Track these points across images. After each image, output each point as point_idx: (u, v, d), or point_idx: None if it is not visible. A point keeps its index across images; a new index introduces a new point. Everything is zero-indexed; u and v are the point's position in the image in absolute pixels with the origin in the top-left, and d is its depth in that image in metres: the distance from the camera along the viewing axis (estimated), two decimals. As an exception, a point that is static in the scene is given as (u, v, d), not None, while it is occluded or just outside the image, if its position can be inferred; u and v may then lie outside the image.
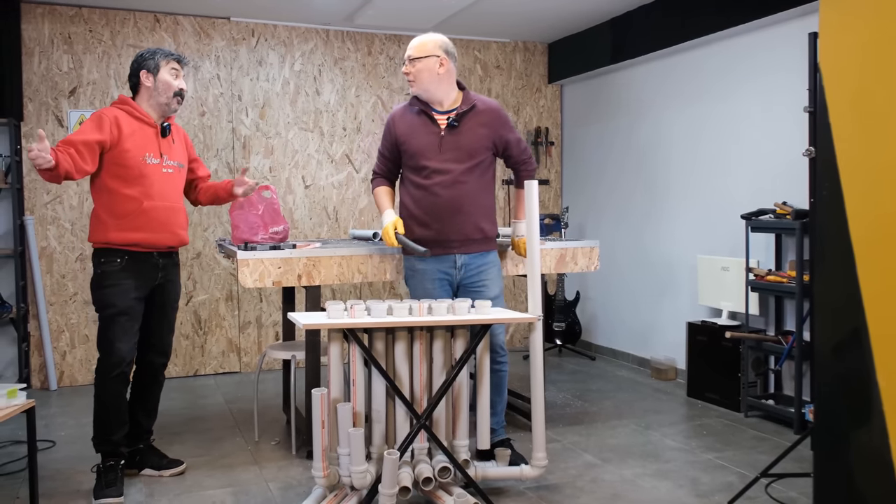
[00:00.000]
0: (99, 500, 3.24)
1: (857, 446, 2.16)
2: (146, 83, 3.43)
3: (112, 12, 5.36)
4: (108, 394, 3.39)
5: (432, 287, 3.49)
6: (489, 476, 3.22)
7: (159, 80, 3.43)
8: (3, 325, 5.17)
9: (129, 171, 3.32)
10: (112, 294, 3.33)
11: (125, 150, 3.31)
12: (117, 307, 3.34)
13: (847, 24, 2.15)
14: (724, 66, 4.97)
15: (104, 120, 3.28)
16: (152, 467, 3.58)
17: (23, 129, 5.18)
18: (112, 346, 3.35)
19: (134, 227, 3.33)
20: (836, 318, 2.22)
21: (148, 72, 3.42)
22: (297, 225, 5.88)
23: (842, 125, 2.16)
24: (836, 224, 2.17)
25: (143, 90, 3.44)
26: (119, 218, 3.32)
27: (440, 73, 3.44)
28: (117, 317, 3.34)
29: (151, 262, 3.43)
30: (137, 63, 3.45)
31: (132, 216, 3.33)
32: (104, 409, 3.39)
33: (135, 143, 3.35)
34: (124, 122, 3.34)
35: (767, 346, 4.37)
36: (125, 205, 3.32)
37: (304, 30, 5.87)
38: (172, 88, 3.44)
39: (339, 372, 3.00)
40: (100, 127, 3.27)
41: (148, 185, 3.36)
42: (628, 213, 5.86)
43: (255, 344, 5.81)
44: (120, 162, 3.31)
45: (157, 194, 3.39)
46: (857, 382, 2.12)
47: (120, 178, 3.32)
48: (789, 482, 3.32)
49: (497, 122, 3.52)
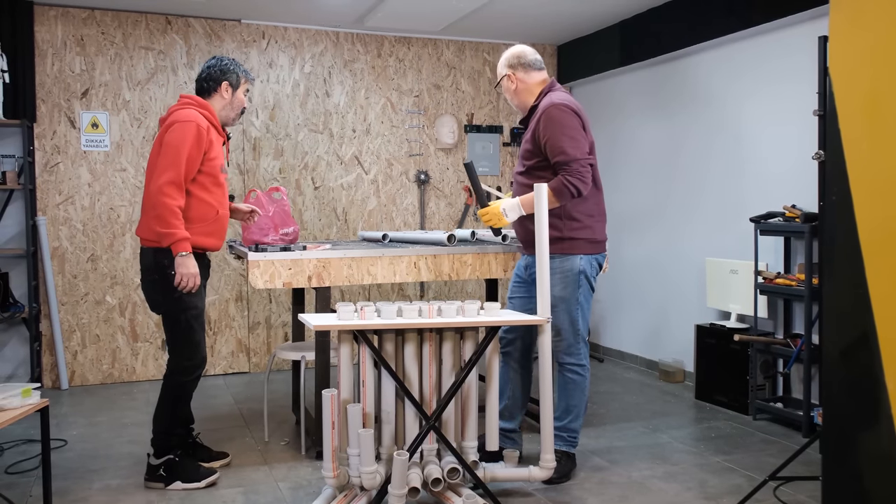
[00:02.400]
0: (204, 479, 3.41)
1: (865, 450, 2.17)
2: (224, 94, 3.49)
3: (124, 14, 5.40)
4: (186, 393, 3.49)
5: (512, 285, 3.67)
6: (498, 477, 3.23)
7: (236, 97, 3.52)
8: (16, 325, 5.21)
9: (211, 179, 3.39)
10: (192, 296, 3.36)
11: (211, 158, 3.37)
12: (198, 308, 3.42)
13: (857, 29, 2.16)
14: (734, 69, 4.97)
15: (202, 135, 3.30)
16: (202, 460, 3.62)
17: (35, 130, 5.22)
18: (197, 348, 3.42)
19: (208, 233, 3.41)
20: (844, 321, 2.22)
21: (230, 84, 3.49)
22: (306, 226, 5.91)
23: (851, 130, 2.17)
24: (845, 228, 2.18)
25: (217, 98, 3.49)
26: (197, 223, 3.35)
27: (517, 89, 3.54)
28: (199, 318, 3.42)
29: (204, 263, 3.51)
30: (221, 71, 3.48)
31: (209, 222, 3.40)
32: (183, 404, 3.52)
33: (217, 151, 3.42)
34: (211, 130, 3.39)
35: (776, 349, 4.37)
36: (206, 211, 3.38)
37: (314, 32, 5.90)
38: (242, 107, 3.56)
39: (348, 373, 3.02)
40: (199, 144, 3.29)
41: (222, 194, 3.46)
42: (637, 215, 5.86)
43: (265, 345, 5.84)
44: (206, 170, 3.36)
45: (226, 203, 3.52)
46: (865, 386, 2.12)
47: (202, 185, 3.36)
48: (798, 485, 3.33)
49: (539, 123, 3.41)
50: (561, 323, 3.45)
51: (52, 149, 5.27)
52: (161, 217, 3.22)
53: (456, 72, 6.30)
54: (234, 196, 5.68)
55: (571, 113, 3.38)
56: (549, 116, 3.36)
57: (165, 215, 3.21)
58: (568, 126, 3.34)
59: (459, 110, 6.34)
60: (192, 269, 3.26)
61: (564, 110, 3.36)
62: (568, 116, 3.36)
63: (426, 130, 6.25)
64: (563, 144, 3.33)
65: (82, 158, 5.35)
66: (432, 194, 6.29)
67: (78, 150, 5.33)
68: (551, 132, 3.35)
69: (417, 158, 6.23)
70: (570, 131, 3.34)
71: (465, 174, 6.37)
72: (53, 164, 5.28)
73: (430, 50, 6.22)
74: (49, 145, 5.27)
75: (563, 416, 3.53)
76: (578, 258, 3.44)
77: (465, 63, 6.32)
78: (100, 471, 3.65)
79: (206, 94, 3.50)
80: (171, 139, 3.27)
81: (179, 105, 3.41)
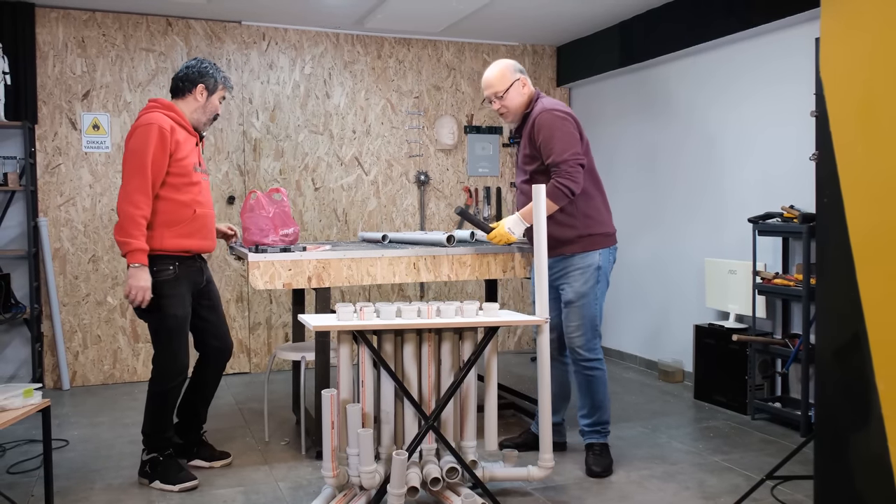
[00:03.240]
0: (179, 484, 3.37)
1: (857, 449, 2.19)
2: (198, 97, 3.46)
3: (125, 16, 5.42)
4: (171, 397, 3.47)
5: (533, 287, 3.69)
6: (496, 477, 3.25)
7: (210, 102, 3.49)
8: (17, 326, 5.23)
9: (182, 179, 3.35)
10: (172, 304, 3.35)
11: (180, 158, 3.34)
12: (178, 317, 3.38)
13: (848, 34, 2.17)
14: (733, 70, 4.98)
15: (165, 137, 3.27)
16: (204, 459, 3.66)
17: (37, 131, 5.24)
18: (177, 356, 3.41)
19: (187, 234, 3.37)
20: (837, 322, 2.24)
21: (206, 88, 3.46)
22: (306, 227, 5.93)
23: (842, 134, 2.18)
24: (837, 231, 2.19)
25: (189, 100, 3.47)
26: (172, 225, 3.34)
27: (524, 93, 3.58)
28: (180, 327, 3.40)
29: (196, 267, 3.50)
30: (199, 73, 3.46)
31: (186, 223, 3.37)
32: (165, 410, 3.47)
33: (186, 151, 3.38)
34: (176, 130, 3.35)
35: (774, 349, 4.38)
36: (180, 212, 3.35)
37: (315, 33, 5.92)
38: (215, 113, 3.54)
39: (348, 373, 3.04)
40: (163, 146, 3.26)
41: (197, 193, 3.42)
42: (636, 215, 5.88)
43: (265, 345, 5.86)
44: (175, 171, 3.33)
45: (204, 201, 3.47)
46: (857, 386, 2.14)
47: (173, 185, 3.34)
48: (795, 484, 3.34)
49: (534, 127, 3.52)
50: (582, 318, 3.57)
51: (54, 150, 5.30)
52: (121, 226, 3.21)
53: (456, 73, 6.32)
54: (235, 197, 5.70)
55: (565, 116, 3.50)
56: (543, 120, 3.49)
57: (126, 224, 3.20)
58: (559, 129, 3.46)
59: (459, 111, 6.35)
60: (144, 283, 3.21)
61: (558, 114, 3.49)
62: (560, 120, 3.48)
63: (426, 131, 6.27)
64: (553, 146, 3.45)
65: (83, 160, 5.37)
66: (432, 195, 6.31)
67: (79, 152, 5.36)
68: (546, 135, 3.47)
69: (417, 159, 6.25)
70: (561, 134, 3.46)
71: (466, 177, 6.39)
72: (55, 166, 5.30)
73: (430, 51, 6.24)
74: (50, 147, 5.29)
75: (592, 412, 3.66)
76: (597, 253, 3.58)
77: (464, 64, 6.34)
78: (101, 470, 3.67)
79: (180, 94, 3.47)
80: (133, 145, 3.26)
81: (144, 109, 3.42)
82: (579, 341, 3.60)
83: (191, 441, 3.69)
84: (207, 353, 3.66)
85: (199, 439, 3.73)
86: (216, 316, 3.66)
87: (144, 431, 3.48)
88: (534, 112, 3.56)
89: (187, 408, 3.67)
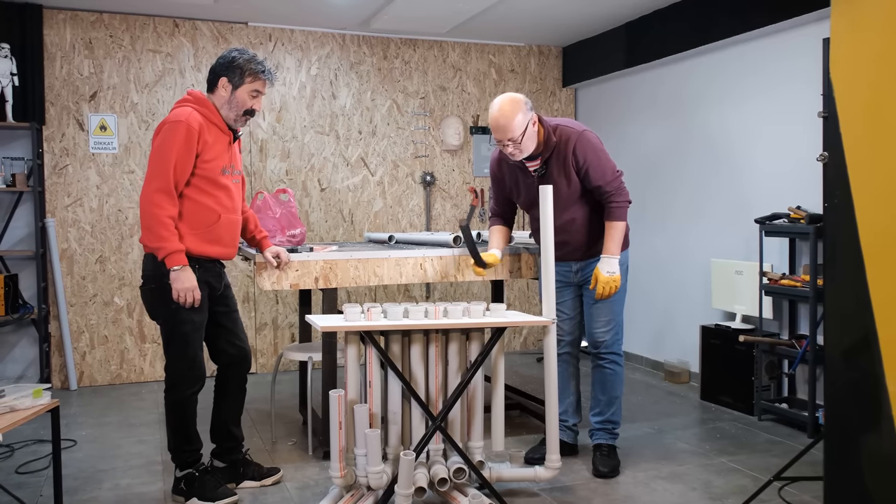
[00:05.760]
0: (218, 501, 3.21)
1: (867, 450, 2.18)
2: (222, 91, 3.22)
3: (132, 18, 5.44)
4: (189, 407, 3.27)
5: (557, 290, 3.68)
6: (503, 477, 3.25)
7: (236, 97, 3.21)
8: (25, 326, 5.25)
9: (209, 182, 3.16)
10: (191, 308, 3.16)
11: (207, 160, 3.14)
12: (195, 322, 3.20)
13: (858, 35, 2.17)
14: (739, 71, 4.98)
15: (192, 136, 3.08)
16: (252, 478, 3.47)
17: (44, 132, 5.26)
18: (195, 361, 3.23)
19: (210, 240, 3.19)
20: (846, 323, 2.24)
21: (229, 81, 3.20)
22: (312, 227, 5.94)
23: (852, 134, 2.18)
24: (847, 231, 2.19)
25: (217, 95, 3.23)
26: (195, 228, 3.15)
27: (535, 130, 3.43)
28: (197, 332, 3.22)
29: (216, 271, 3.31)
30: (223, 66, 3.22)
31: (210, 228, 3.18)
32: (186, 421, 3.27)
33: (216, 152, 3.18)
34: (206, 130, 3.14)
35: (781, 349, 4.38)
36: (204, 216, 3.16)
37: (321, 34, 5.93)
38: (244, 108, 3.24)
39: (355, 374, 3.05)
40: (189, 145, 3.07)
41: (224, 197, 3.22)
42: (642, 216, 5.88)
43: (272, 345, 5.87)
44: (202, 173, 3.14)
45: (232, 206, 3.26)
46: (866, 387, 2.14)
47: (197, 188, 3.14)
48: (802, 485, 3.34)
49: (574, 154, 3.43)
50: (612, 314, 3.65)
51: (61, 151, 5.32)
52: (151, 229, 3.04)
53: (461, 73, 6.33)
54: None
55: (590, 131, 3.53)
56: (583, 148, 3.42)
57: (155, 227, 3.02)
58: (599, 149, 3.49)
59: (465, 112, 6.36)
60: (189, 283, 3.06)
61: (589, 135, 3.49)
62: (594, 139, 3.51)
63: (432, 132, 6.28)
64: (603, 168, 3.45)
65: (90, 161, 5.39)
66: (438, 196, 6.32)
67: (86, 153, 5.38)
68: (592, 159, 3.44)
69: (423, 160, 6.26)
70: (602, 154, 3.49)
71: (471, 178, 6.39)
72: (62, 167, 5.32)
73: (436, 52, 6.24)
74: (58, 148, 5.31)
75: (607, 408, 3.69)
76: (627, 252, 3.66)
77: (470, 65, 6.34)
78: (109, 471, 3.68)
79: (211, 88, 3.25)
80: (159, 143, 3.08)
81: (178, 103, 3.21)
82: (607, 336, 3.64)
83: (234, 462, 3.46)
84: (225, 362, 3.45)
85: (244, 459, 3.50)
86: (233, 322, 3.46)
87: (170, 448, 3.28)
88: (560, 141, 3.43)
89: (220, 429, 3.46)
